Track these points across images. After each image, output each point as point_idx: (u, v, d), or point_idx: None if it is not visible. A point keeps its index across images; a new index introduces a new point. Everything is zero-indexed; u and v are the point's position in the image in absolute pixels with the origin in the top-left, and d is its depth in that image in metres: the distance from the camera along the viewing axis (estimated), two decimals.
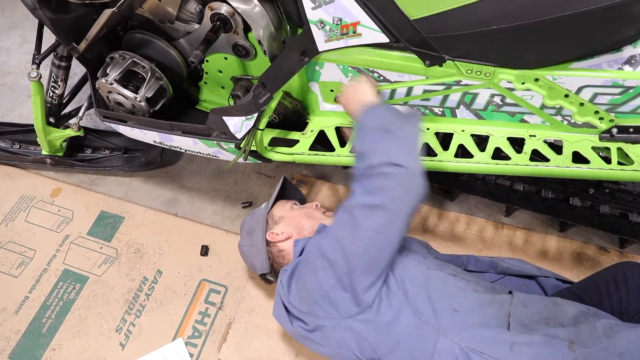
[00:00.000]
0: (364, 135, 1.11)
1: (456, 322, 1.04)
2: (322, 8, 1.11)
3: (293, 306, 1.15)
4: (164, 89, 1.45)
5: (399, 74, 1.24)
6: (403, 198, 1.02)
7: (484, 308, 1.07)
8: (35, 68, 1.53)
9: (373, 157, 1.05)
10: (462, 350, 1.01)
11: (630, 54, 1.10)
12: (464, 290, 1.11)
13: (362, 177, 1.06)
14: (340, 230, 1.08)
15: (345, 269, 1.05)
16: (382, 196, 1.02)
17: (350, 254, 1.04)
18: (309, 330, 1.14)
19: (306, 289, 1.12)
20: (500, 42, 1.10)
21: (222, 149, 1.43)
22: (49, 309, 1.55)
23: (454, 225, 1.74)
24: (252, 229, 1.36)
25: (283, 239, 1.30)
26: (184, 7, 1.34)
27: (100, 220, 1.75)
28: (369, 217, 1.03)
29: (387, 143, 1.06)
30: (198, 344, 1.49)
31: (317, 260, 1.09)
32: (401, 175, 1.02)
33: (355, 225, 1.04)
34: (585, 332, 1.01)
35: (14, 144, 1.89)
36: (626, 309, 1.17)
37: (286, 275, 1.19)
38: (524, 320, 1.04)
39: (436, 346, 1.03)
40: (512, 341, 1.00)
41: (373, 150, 1.06)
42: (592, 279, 1.29)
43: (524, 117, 1.27)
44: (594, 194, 1.62)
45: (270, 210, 1.38)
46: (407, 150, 1.06)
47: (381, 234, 1.03)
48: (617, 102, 1.16)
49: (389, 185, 1.02)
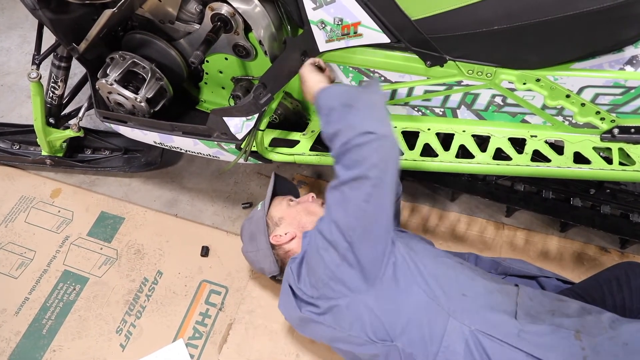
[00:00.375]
0: (327, 117, 1.12)
1: (466, 306, 1.06)
2: (323, 8, 1.11)
3: (304, 292, 1.16)
4: (164, 90, 1.45)
5: (400, 75, 1.24)
6: (382, 163, 1.04)
7: (492, 295, 1.09)
8: (35, 69, 1.52)
9: (343, 134, 1.06)
10: (472, 333, 1.03)
11: (631, 54, 1.10)
12: (472, 278, 1.13)
13: (339, 156, 1.08)
14: (332, 210, 1.09)
15: (345, 244, 1.07)
16: (361, 166, 1.03)
17: (346, 228, 1.06)
18: (320, 313, 1.15)
19: (315, 273, 1.13)
20: (501, 42, 1.10)
21: (222, 150, 1.43)
22: (49, 310, 1.55)
23: (455, 226, 1.74)
24: (254, 234, 1.34)
25: (288, 240, 1.29)
26: (184, 8, 1.34)
27: (101, 221, 1.75)
28: (355, 189, 1.05)
29: (352, 116, 1.07)
30: (199, 345, 1.48)
31: (320, 243, 1.11)
32: (374, 142, 1.03)
33: (344, 201, 1.06)
34: (590, 323, 1.03)
35: (14, 144, 1.88)
36: (629, 308, 1.17)
37: (295, 263, 1.20)
38: (531, 311, 1.06)
39: (446, 328, 1.04)
40: (520, 329, 1.02)
41: (341, 128, 1.07)
42: (594, 279, 1.29)
43: (525, 117, 1.27)
44: (594, 195, 1.62)
45: (268, 212, 1.36)
46: (373, 117, 1.07)
47: (370, 202, 1.05)
48: (618, 102, 1.16)
49: (364, 154, 1.03)
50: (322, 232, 1.11)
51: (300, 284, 1.17)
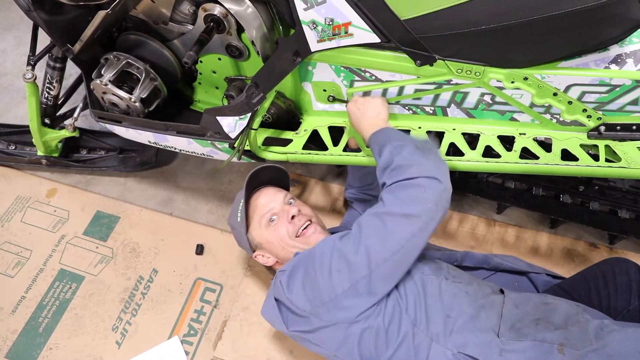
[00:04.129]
0: (394, 148, 1.12)
1: (448, 328, 1.07)
2: (314, 9, 1.12)
3: (295, 306, 1.12)
4: (159, 90, 1.46)
5: (390, 74, 1.26)
6: (435, 211, 1.04)
7: (475, 312, 1.09)
8: (30, 69, 1.53)
9: (410, 170, 1.06)
10: (455, 356, 1.04)
11: (616, 53, 1.12)
12: (457, 295, 1.12)
13: (397, 187, 1.07)
14: (368, 236, 1.07)
15: (365, 272, 1.05)
16: (418, 206, 1.03)
17: (377, 258, 1.04)
18: (308, 331, 1.14)
19: (315, 288, 1.10)
20: (489, 41, 1.11)
21: (216, 149, 1.44)
22: (46, 309, 1.56)
23: (447, 223, 1.75)
24: (241, 244, 1.39)
25: (271, 263, 1.34)
26: (178, 9, 1.35)
27: (96, 220, 1.76)
28: (402, 225, 1.04)
29: (424, 159, 1.08)
30: (194, 342, 1.50)
31: (334, 262, 1.08)
32: (438, 190, 1.04)
33: (386, 232, 1.05)
34: (575, 335, 1.03)
35: (10, 145, 1.89)
36: (614, 305, 1.19)
37: (285, 276, 1.16)
38: (515, 323, 1.06)
39: (429, 353, 1.05)
40: (502, 348, 1.02)
41: (410, 164, 1.07)
42: (582, 275, 1.31)
43: (513, 115, 1.29)
44: (583, 191, 1.64)
45: (249, 231, 1.34)
46: (444, 170, 1.08)
47: (410, 242, 1.05)
48: (604, 100, 1.18)
49: (425, 197, 1.04)
50: (344, 252, 1.08)
51: (293, 297, 1.13)
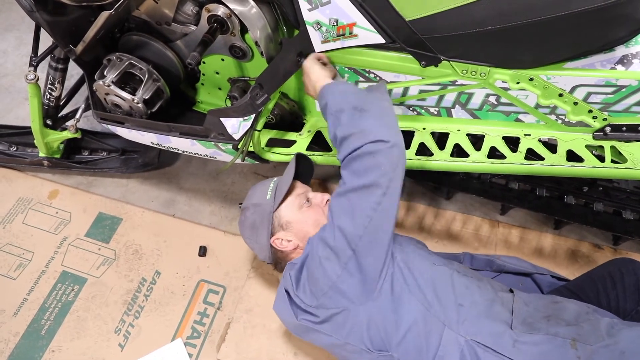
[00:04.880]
0: (335, 118, 1.10)
1: (462, 316, 1.06)
2: (318, 9, 1.12)
3: (302, 301, 1.13)
4: (161, 91, 1.46)
5: (395, 75, 1.25)
6: (392, 171, 1.03)
7: (488, 304, 1.08)
8: (32, 70, 1.53)
9: (354, 140, 1.04)
10: (468, 343, 1.02)
11: (622, 53, 1.12)
12: (468, 287, 1.12)
13: (349, 162, 1.06)
14: (337, 217, 1.07)
15: (349, 252, 1.05)
16: (372, 174, 1.02)
17: (352, 236, 1.04)
18: (318, 322, 1.13)
19: (315, 282, 1.11)
20: (494, 42, 1.11)
21: (219, 150, 1.44)
22: (48, 311, 1.55)
23: (450, 224, 1.75)
24: (256, 225, 1.25)
25: (290, 248, 1.23)
26: (181, 9, 1.35)
27: (98, 221, 1.75)
28: (364, 197, 1.03)
29: (364, 121, 1.05)
30: (197, 344, 1.49)
31: (321, 252, 1.09)
32: (386, 150, 1.02)
33: (352, 208, 1.05)
34: (587, 331, 1.02)
35: (11, 146, 1.89)
36: (623, 306, 1.18)
37: (295, 270, 1.16)
38: (527, 318, 1.05)
39: (442, 338, 1.04)
40: (515, 339, 1.01)
41: (353, 133, 1.05)
42: (588, 276, 1.30)
43: (518, 116, 1.28)
44: (588, 192, 1.63)
45: (279, 207, 1.24)
46: (385, 124, 1.06)
47: (378, 210, 1.03)
48: (610, 101, 1.17)
49: (377, 162, 1.02)
50: (325, 239, 1.09)
51: (299, 292, 1.14)
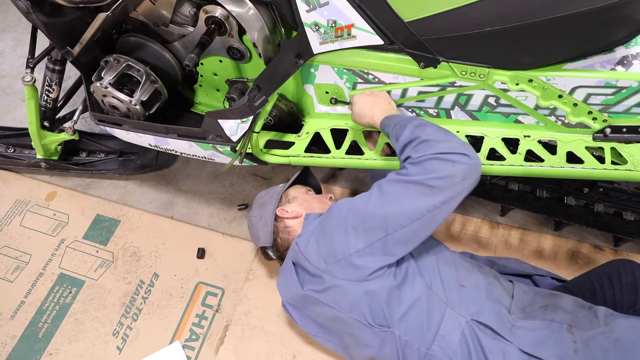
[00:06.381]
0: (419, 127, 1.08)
1: (463, 297, 1.09)
2: (316, 11, 1.11)
3: (310, 263, 1.15)
4: (159, 92, 1.45)
5: (393, 76, 1.24)
6: (463, 186, 1.02)
7: (489, 287, 1.12)
8: (29, 72, 1.52)
9: (440, 145, 1.03)
10: (468, 323, 1.06)
11: (622, 54, 1.11)
12: (470, 270, 1.16)
13: (425, 160, 1.03)
14: (389, 199, 1.06)
15: (382, 235, 1.05)
16: (444, 180, 1.01)
17: (394, 224, 1.04)
18: (321, 291, 1.15)
19: (330, 245, 1.11)
20: (493, 43, 1.10)
21: (217, 152, 1.43)
22: (45, 314, 1.55)
23: (450, 226, 1.74)
24: (265, 203, 1.38)
25: (292, 216, 1.33)
26: (179, 11, 1.34)
27: (96, 223, 1.75)
28: (425, 196, 1.02)
29: (451, 136, 1.06)
30: (195, 347, 1.49)
31: (350, 220, 1.09)
32: (467, 165, 1.01)
33: (409, 199, 1.03)
34: (583, 318, 1.06)
35: (9, 148, 1.88)
36: (620, 303, 1.19)
37: (301, 239, 1.20)
38: (525, 307, 1.09)
39: (444, 317, 1.07)
40: (512, 324, 1.05)
41: (439, 139, 1.04)
42: (586, 276, 1.31)
43: (518, 117, 1.28)
44: (588, 193, 1.63)
45: (287, 190, 1.41)
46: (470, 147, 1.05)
47: (431, 213, 1.02)
48: (610, 102, 1.17)
49: (454, 171, 1.01)
50: (361, 211, 1.08)
51: (308, 254, 1.16)
